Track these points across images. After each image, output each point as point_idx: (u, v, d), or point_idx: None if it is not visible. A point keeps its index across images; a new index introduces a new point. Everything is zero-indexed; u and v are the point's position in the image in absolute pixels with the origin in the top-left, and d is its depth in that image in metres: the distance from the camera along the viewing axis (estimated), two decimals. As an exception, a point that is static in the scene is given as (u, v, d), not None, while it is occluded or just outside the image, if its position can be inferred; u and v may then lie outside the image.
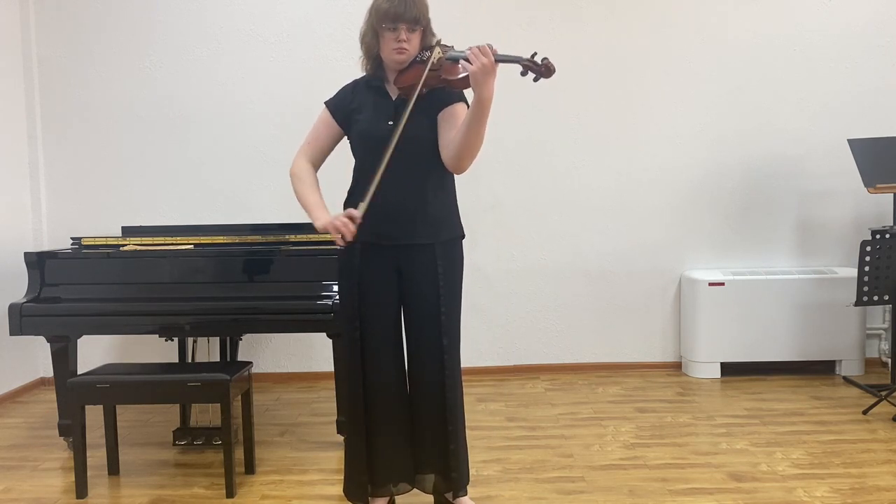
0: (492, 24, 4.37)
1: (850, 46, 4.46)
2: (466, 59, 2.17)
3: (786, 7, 4.47)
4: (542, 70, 2.18)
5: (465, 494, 2.53)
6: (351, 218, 2.25)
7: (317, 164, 2.54)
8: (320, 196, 2.47)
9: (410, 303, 2.45)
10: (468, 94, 2.38)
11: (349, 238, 2.25)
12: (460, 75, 2.25)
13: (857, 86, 4.46)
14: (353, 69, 2.54)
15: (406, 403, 2.50)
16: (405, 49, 2.32)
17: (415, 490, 2.55)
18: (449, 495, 2.52)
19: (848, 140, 4.09)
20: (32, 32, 4.39)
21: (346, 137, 2.50)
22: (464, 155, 2.30)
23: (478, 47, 2.14)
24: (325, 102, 2.50)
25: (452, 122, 2.36)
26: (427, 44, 2.38)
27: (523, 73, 2.21)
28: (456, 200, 2.51)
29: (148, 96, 4.43)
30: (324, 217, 2.35)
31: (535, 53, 2.20)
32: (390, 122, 2.34)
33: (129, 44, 4.42)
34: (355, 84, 2.49)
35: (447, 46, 2.35)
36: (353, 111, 2.43)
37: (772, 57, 4.48)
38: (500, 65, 2.18)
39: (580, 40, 4.45)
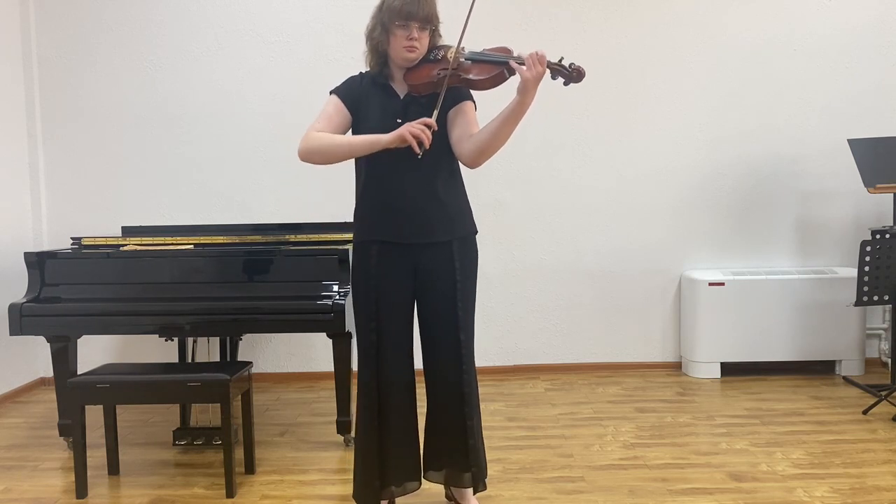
0: (491, 25, 4.36)
1: (850, 46, 4.46)
2: (514, 64, 2.20)
3: (786, 7, 4.47)
4: (573, 75, 2.23)
5: (485, 489, 2.53)
6: (427, 125, 2.21)
7: None
8: None
9: (427, 300, 2.44)
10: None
11: (427, 145, 2.20)
12: (488, 76, 2.28)
13: (857, 86, 4.46)
14: (352, 69, 2.54)
15: (415, 403, 2.49)
16: (416, 47, 2.33)
17: (415, 491, 2.55)
18: (457, 491, 2.53)
19: (848, 140, 4.09)
20: (32, 32, 4.39)
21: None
22: (487, 152, 2.32)
23: (536, 55, 2.17)
24: (333, 90, 2.45)
25: (465, 118, 2.39)
26: (433, 44, 2.39)
27: (553, 77, 2.25)
28: (467, 196, 2.51)
29: (148, 96, 4.44)
30: (385, 135, 2.27)
31: (563, 58, 2.25)
32: (398, 120, 2.33)
33: (129, 44, 4.42)
34: (361, 76, 2.47)
35: (448, 46, 2.37)
36: (361, 103, 2.41)
37: (772, 57, 4.48)
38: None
39: (580, 41, 4.45)
